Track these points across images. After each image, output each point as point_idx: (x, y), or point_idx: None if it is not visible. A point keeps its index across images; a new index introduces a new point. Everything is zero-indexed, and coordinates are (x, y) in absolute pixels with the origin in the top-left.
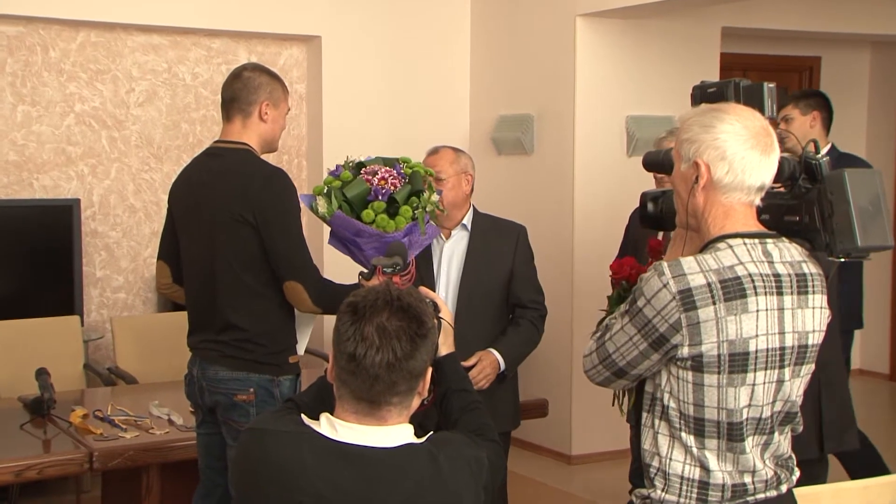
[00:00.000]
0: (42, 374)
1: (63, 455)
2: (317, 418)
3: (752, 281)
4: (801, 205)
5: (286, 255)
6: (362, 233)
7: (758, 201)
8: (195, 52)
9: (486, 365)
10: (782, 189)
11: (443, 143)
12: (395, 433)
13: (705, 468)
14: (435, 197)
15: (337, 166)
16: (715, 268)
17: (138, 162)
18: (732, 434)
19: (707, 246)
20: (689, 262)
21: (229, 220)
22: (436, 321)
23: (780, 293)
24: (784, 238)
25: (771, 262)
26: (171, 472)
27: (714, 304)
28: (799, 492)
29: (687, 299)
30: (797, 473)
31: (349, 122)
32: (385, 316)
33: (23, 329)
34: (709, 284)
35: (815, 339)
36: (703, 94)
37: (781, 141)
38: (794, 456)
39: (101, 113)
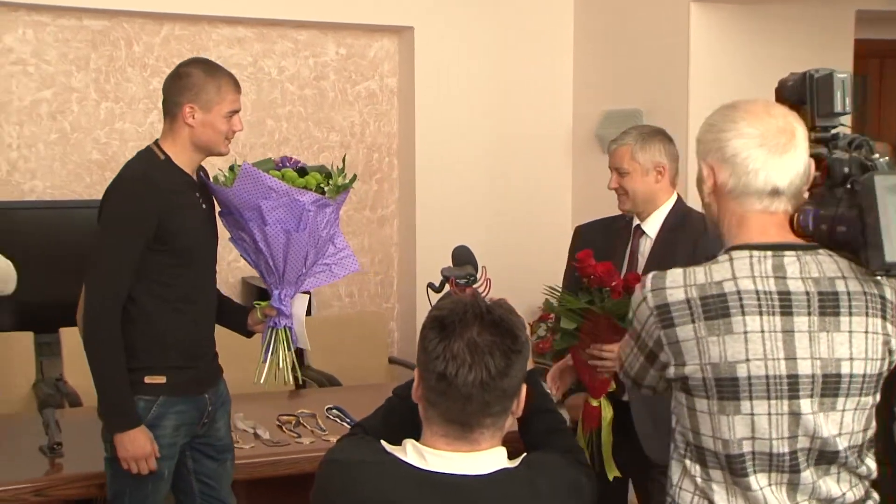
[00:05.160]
0: None
1: None
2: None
3: (741, 298)
4: (847, 213)
5: (89, 263)
6: (269, 193)
7: (779, 207)
8: (282, 44)
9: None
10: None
11: (543, 138)
12: (488, 458)
13: (711, 501)
14: (342, 180)
15: (282, 159)
16: (701, 282)
17: (222, 161)
18: (733, 468)
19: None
20: (673, 275)
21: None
22: None
23: (786, 313)
24: (824, 251)
25: (782, 278)
26: (257, 489)
27: (693, 322)
28: None
29: (664, 315)
30: None
31: (443, 119)
32: (475, 330)
33: None
34: (688, 301)
35: (858, 368)
36: (784, 89)
37: (870, 146)
38: (854, 497)
39: None
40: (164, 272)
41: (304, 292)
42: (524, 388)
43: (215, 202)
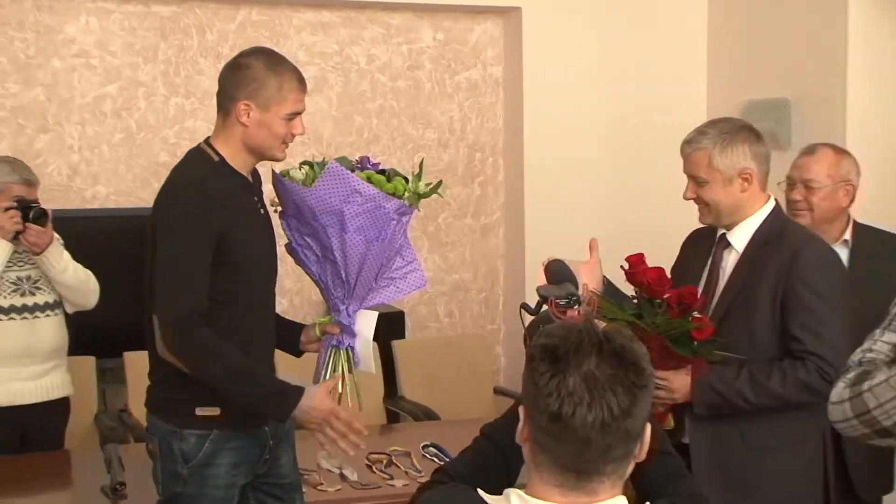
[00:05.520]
0: None
1: None
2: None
3: None
4: None
5: (156, 281)
6: (354, 195)
7: None
8: (371, 30)
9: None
10: None
11: (672, 134)
12: None
13: None
14: (423, 186)
15: (362, 159)
16: None
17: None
18: None
19: None
20: None
21: (148, 237)
22: None
23: None
24: None
25: None
26: None
27: None
28: None
29: None
30: None
31: (555, 113)
32: (593, 362)
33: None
34: None
35: None
36: None
37: None
38: None
39: None
40: (217, 288)
41: (369, 309)
42: (648, 428)
43: (279, 205)
